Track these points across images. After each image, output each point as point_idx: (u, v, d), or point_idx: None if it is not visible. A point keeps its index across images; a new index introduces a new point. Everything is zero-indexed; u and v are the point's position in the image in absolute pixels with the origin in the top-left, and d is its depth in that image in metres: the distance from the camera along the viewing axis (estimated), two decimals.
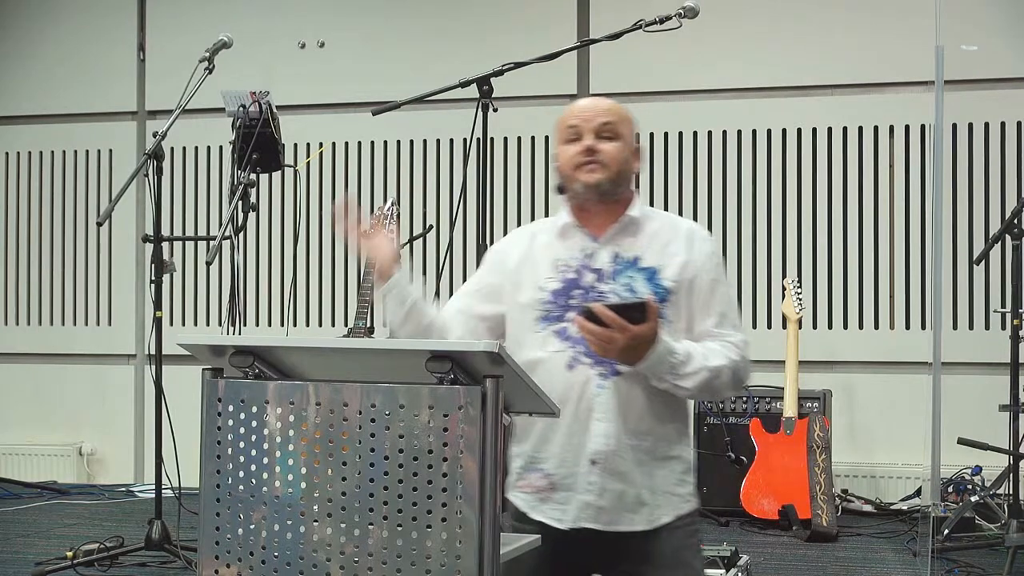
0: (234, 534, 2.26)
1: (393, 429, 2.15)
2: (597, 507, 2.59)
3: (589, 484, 2.58)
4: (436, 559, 2.11)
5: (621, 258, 2.66)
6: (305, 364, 2.33)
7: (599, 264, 2.66)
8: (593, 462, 2.58)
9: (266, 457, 2.24)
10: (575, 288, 2.65)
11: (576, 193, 2.68)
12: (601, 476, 2.58)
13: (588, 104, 2.73)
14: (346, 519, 2.17)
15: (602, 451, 2.58)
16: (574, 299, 2.63)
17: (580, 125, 2.68)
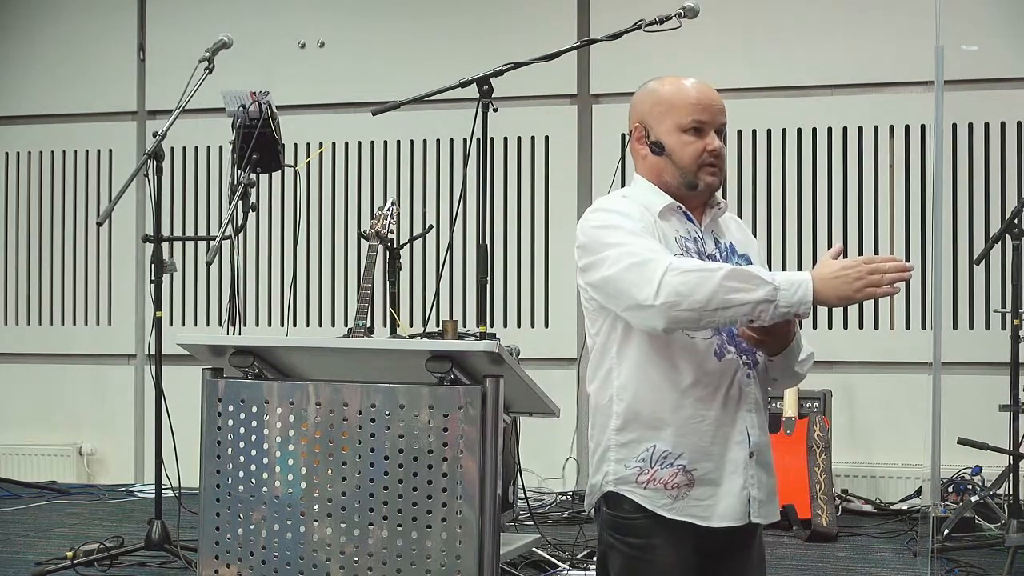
0: (234, 534, 2.26)
1: (393, 429, 2.15)
2: (760, 500, 2.49)
3: (751, 477, 2.47)
4: (436, 559, 2.11)
5: (722, 244, 2.60)
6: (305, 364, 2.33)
7: (709, 250, 2.57)
8: (752, 454, 2.48)
9: (266, 457, 2.24)
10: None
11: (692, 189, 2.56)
12: (757, 468, 2.49)
13: (711, 96, 2.62)
14: (346, 519, 2.17)
15: (758, 442, 2.49)
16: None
17: (706, 120, 2.57)
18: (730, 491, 2.45)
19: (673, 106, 2.60)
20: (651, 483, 2.41)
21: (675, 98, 2.62)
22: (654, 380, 2.41)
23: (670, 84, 2.68)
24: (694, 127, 2.55)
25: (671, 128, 2.58)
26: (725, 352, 2.45)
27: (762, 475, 2.49)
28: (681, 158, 2.56)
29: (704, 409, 2.42)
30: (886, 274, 2.39)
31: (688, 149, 2.55)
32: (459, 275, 6.79)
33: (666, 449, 2.41)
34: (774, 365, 2.54)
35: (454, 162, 6.88)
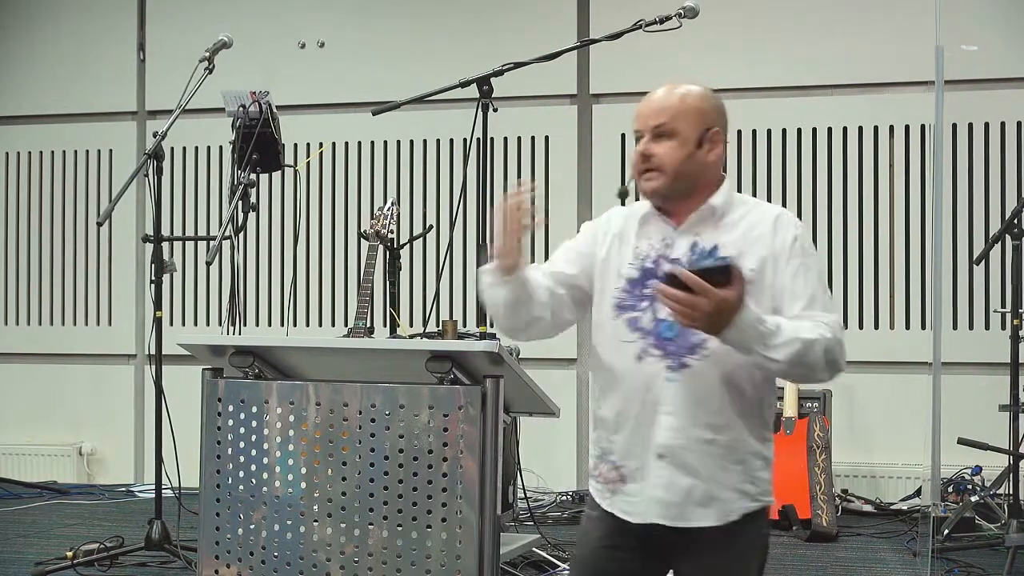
0: (234, 534, 2.26)
1: (393, 429, 2.15)
2: (667, 503, 2.52)
3: (658, 479, 2.52)
4: (436, 559, 2.11)
5: (699, 247, 2.59)
6: (305, 364, 2.33)
7: (677, 254, 2.59)
8: (660, 456, 2.51)
9: (266, 457, 2.24)
10: (652, 278, 2.58)
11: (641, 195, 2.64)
12: (669, 470, 2.52)
13: (649, 100, 2.65)
14: (346, 519, 2.17)
15: (669, 445, 2.51)
16: (649, 288, 2.56)
17: (640, 128, 2.62)
18: (644, 490, 2.52)
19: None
20: (599, 477, 2.58)
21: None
22: (599, 381, 2.54)
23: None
24: (636, 137, 2.63)
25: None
26: (647, 356, 2.51)
27: (676, 477, 2.51)
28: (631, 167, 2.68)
29: (626, 409, 2.52)
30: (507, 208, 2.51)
31: (633, 159, 2.64)
32: (459, 275, 6.79)
33: (607, 446, 2.56)
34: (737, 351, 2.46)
35: (454, 162, 6.88)
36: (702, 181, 2.61)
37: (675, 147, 2.58)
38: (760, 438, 2.60)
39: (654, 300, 2.51)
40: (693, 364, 2.50)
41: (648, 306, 2.55)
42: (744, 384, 2.55)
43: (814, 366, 2.52)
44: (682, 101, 2.62)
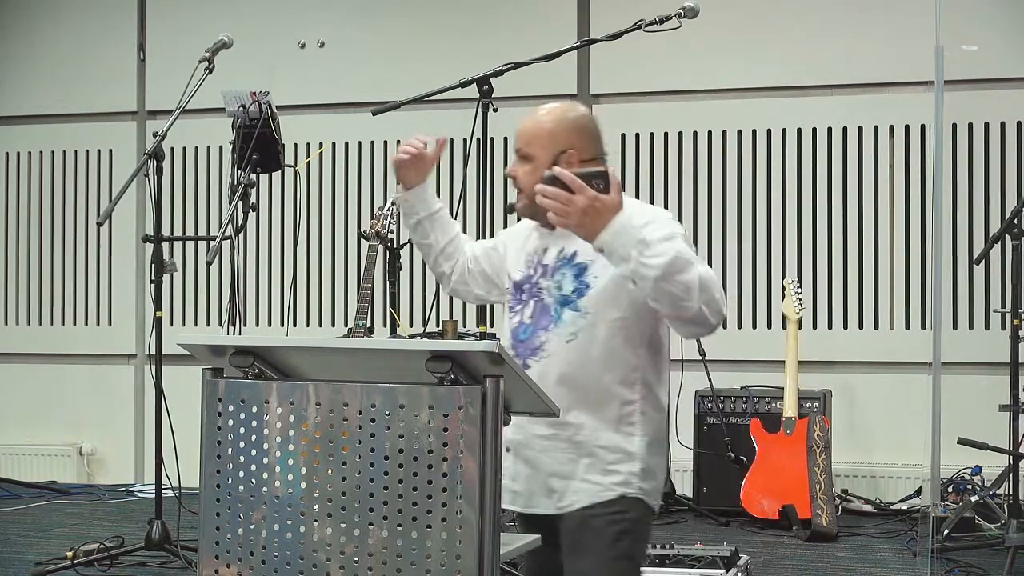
0: (234, 534, 2.26)
1: (393, 429, 2.15)
2: (514, 491, 2.72)
3: (506, 469, 2.63)
4: (436, 559, 2.11)
5: (563, 254, 2.75)
6: (305, 364, 2.33)
7: (547, 260, 2.78)
8: (507, 449, 2.65)
9: (266, 457, 2.24)
10: (527, 283, 2.79)
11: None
12: (515, 462, 2.71)
13: (522, 121, 2.89)
14: (346, 519, 2.17)
15: (512, 439, 2.67)
16: (525, 293, 2.78)
17: (516, 149, 2.87)
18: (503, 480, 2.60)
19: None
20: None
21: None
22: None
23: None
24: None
25: None
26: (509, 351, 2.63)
27: (521, 468, 2.71)
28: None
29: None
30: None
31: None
32: None
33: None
34: (610, 260, 2.48)
35: (454, 162, 6.87)
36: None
37: (531, 171, 2.77)
38: (616, 431, 2.69)
39: (524, 305, 2.75)
40: (532, 365, 2.68)
41: (519, 309, 2.77)
42: (587, 383, 2.67)
43: (688, 289, 2.47)
44: (537, 126, 2.85)
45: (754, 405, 5.99)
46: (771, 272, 6.51)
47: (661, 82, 6.64)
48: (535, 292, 2.76)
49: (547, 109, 2.89)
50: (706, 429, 6.03)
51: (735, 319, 6.54)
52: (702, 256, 6.45)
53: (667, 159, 6.65)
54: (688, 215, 6.59)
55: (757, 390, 6.08)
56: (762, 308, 6.53)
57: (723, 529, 5.64)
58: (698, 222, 6.58)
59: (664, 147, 6.66)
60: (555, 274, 2.74)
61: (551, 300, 2.72)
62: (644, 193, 6.66)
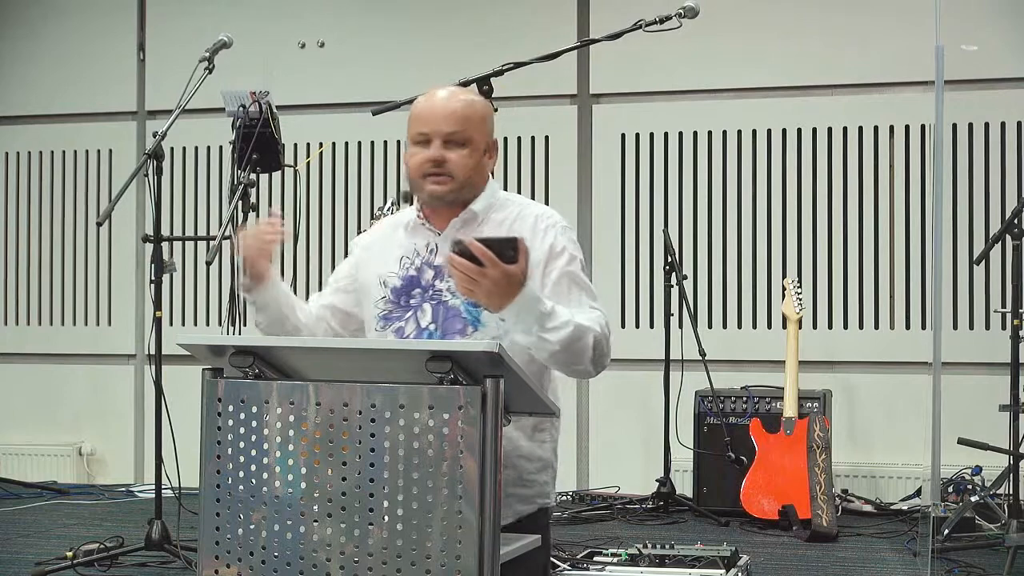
0: (234, 534, 2.26)
1: (393, 429, 2.15)
2: None
3: None
4: (436, 559, 2.11)
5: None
6: (305, 364, 2.33)
7: (440, 261, 2.64)
8: None
9: (266, 457, 2.24)
10: (416, 287, 2.66)
11: (422, 200, 2.70)
12: None
13: (438, 107, 2.66)
14: (346, 519, 2.17)
15: None
16: (413, 298, 2.64)
17: (429, 132, 2.64)
18: None
19: (410, 121, 2.70)
20: None
21: (412, 113, 2.71)
22: None
23: (419, 99, 2.74)
24: (420, 140, 2.65)
25: (408, 142, 2.70)
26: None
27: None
28: (409, 170, 2.68)
29: None
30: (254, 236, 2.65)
31: (412, 161, 2.67)
32: None
33: None
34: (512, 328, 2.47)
35: None
36: (479, 189, 2.69)
37: (467, 155, 2.64)
38: (531, 439, 2.64)
39: (417, 309, 2.60)
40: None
41: (411, 315, 2.62)
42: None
43: (581, 354, 2.49)
44: (473, 110, 2.68)
45: (754, 405, 5.99)
46: (771, 272, 6.51)
47: (661, 82, 6.64)
48: (430, 296, 2.63)
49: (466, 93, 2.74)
50: (706, 429, 6.03)
51: (735, 319, 6.54)
52: (702, 257, 6.49)
53: (667, 159, 6.65)
54: (688, 215, 6.59)
55: (757, 390, 6.08)
56: (762, 308, 6.52)
57: (723, 529, 5.64)
58: (698, 222, 6.58)
59: (664, 147, 6.66)
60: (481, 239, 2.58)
61: (458, 301, 2.60)
62: (644, 193, 6.67)
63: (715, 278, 6.55)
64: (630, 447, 6.47)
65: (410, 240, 2.71)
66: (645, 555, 4.10)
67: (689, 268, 6.48)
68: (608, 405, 6.58)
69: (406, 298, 2.65)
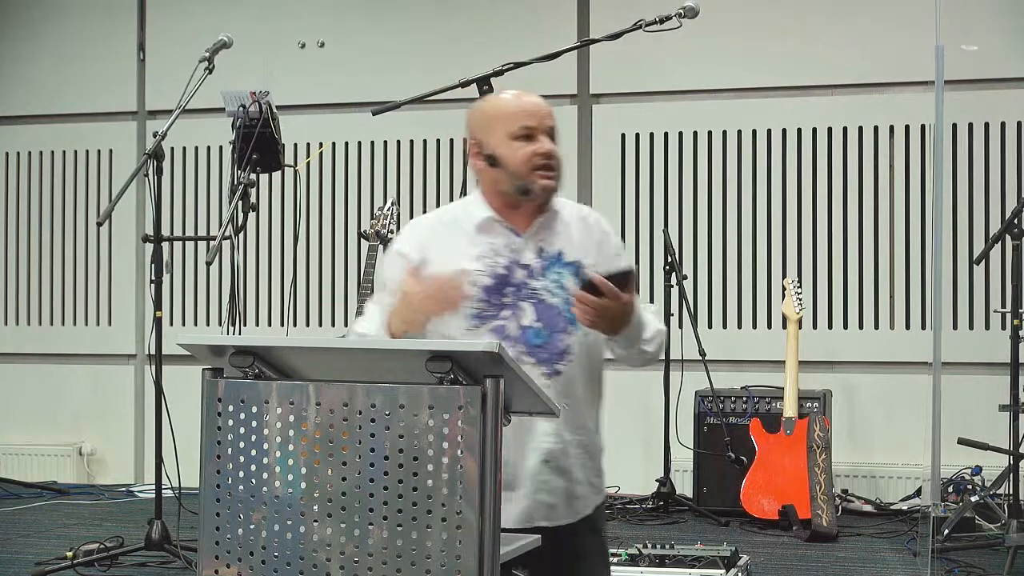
0: (234, 534, 2.26)
1: (393, 429, 2.15)
2: (549, 505, 2.63)
3: (543, 483, 2.61)
4: (436, 559, 2.11)
5: (546, 253, 2.68)
6: (305, 364, 2.33)
7: (527, 259, 2.66)
8: (545, 461, 2.62)
9: (266, 457, 2.24)
10: (507, 285, 2.64)
11: (530, 195, 2.65)
12: (551, 474, 2.63)
13: (534, 103, 2.71)
14: (346, 519, 2.17)
15: (552, 449, 2.62)
16: (507, 296, 2.63)
17: (535, 125, 2.66)
18: (520, 495, 2.60)
19: (501, 117, 2.69)
20: None
21: (502, 109, 2.71)
22: None
23: (495, 98, 2.79)
24: (524, 134, 2.65)
25: (501, 138, 2.66)
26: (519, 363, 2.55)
27: (556, 480, 2.63)
28: (513, 164, 2.64)
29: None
30: (447, 289, 2.51)
31: (519, 154, 2.64)
32: None
33: None
34: (616, 343, 2.66)
35: (454, 162, 6.87)
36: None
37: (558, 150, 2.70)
38: (599, 430, 2.77)
39: (514, 307, 2.61)
40: (563, 369, 2.63)
41: (510, 313, 2.62)
42: (595, 383, 2.73)
43: (659, 353, 2.76)
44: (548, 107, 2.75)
45: (754, 405, 5.99)
46: (771, 272, 6.51)
47: (661, 82, 6.64)
48: (527, 294, 2.64)
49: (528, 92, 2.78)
50: (706, 429, 6.03)
51: (735, 319, 6.54)
52: (702, 257, 6.49)
53: (667, 159, 6.65)
54: (688, 215, 6.59)
55: (757, 390, 6.08)
56: (762, 308, 6.53)
57: (723, 529, 5.65)
58: (698, 222, 6.58)
59: (664, 147, 6.66)
60: (547, 273, 2.65)
61: (557, 300, 2.64)
62: (644, 193, 6.67)
63: (715, 278, 6.55)
64: (630, 447, 6.47)
65: (484, 239, 2.67)
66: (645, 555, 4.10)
67: (689, 268, 6.48)
68: (608, 405, 6.54)
69: (498, 296, 2.63)
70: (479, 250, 2.66)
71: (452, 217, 2.74)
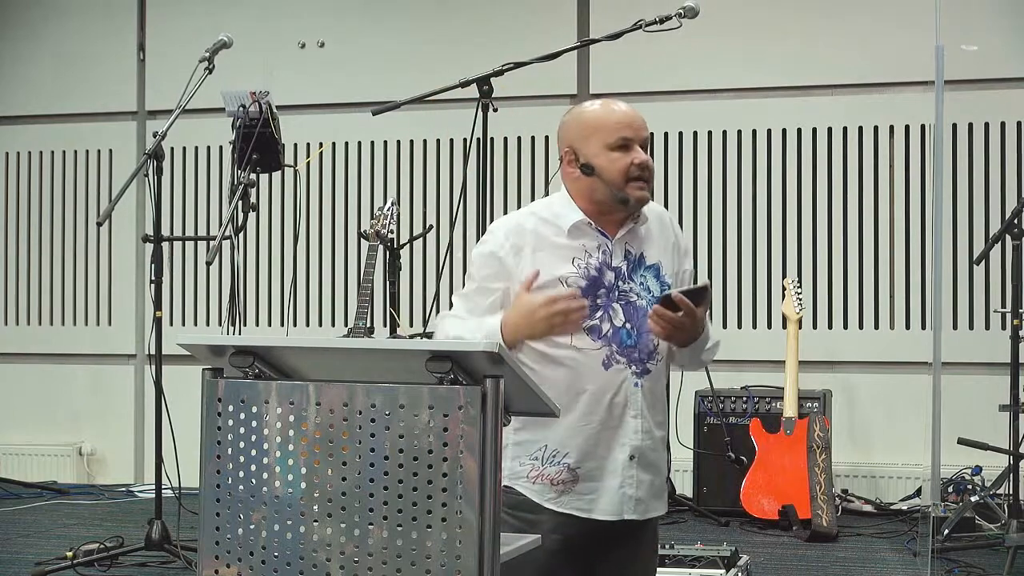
0: (234, 534, 2.26)
1: (393, 429, 2.15)
2: (636, 499, 2.70)
3: (629, 478, 2.68)
4: (436, 559, 2.11)
5: (632, 255, 2.74)
6: (305, 364, 2.33)
7: (616, 262, 2.73)
8: (632, 457, 2.68)
9: (266, 457, 2.24)
10: (599, 287, 2.70)
11: (628, 205, 2.70)
12: (639, 469, 2.70)
13: (631, 113, 2.75)
14: (346, 519, 2.17)
15: (640, 446, 2.69)
16: (600, 298, 2.69)
17: (632, 136, 2.70)
18: (609, 488, 2.68)
19: (598, 127, 2.74)
20: (539, 479, 2.67)
21: (600, 119, 2.76)
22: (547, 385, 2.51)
23: (593, 107, 2.83)
24: (620, 144, 2.70)
25: (599, 148, 2.71)
26: (613, 362, 2.67)
27: (643, 475, 2.71)
28: (610, 174, 2.69)
29: (591, 413, 2.65)
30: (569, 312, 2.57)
31: (616, 165, 2.69)
32: (459, 275, 6.79)
33: (555, 448, 2.66)
34: (681, 353, 2.75)
35: (454, 162, 6.88)
36: None
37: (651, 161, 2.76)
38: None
39: (607, 308, 2.68)
40: (652, 368, 2.71)
41: (604, 315, 2.69)
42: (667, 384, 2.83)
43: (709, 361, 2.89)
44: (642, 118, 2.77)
45: (754, 405, 6.00)
46: (771, 272, 6.51)
47: (661, 82, 6.64)
48: (619, 295, 2.70)
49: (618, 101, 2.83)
50: (706, 429, 6.03)
51: (735, 319, 6.54)
52: (702, 257, 6.49)
53: (667, 159, 6.65)
54: (688, 215, 6.59)
55: (757, 390, 6.08)
56: (762, 308, 6.53)
57: (723, 529, 5.65)
58: (698, 222, 6.58)
59: (664, 147, 6.66)
60: (634, 276, 2.72)
61: (644, 302, 2.70)
62: None
63: (715, 278, 6.55)
64: None
65: (576, 241, 2.72)
66: None
67: None
68: None
69: (592, 297, 2.68)
70: (573, 252, 2.71)
71: (542, 219, 2.76)
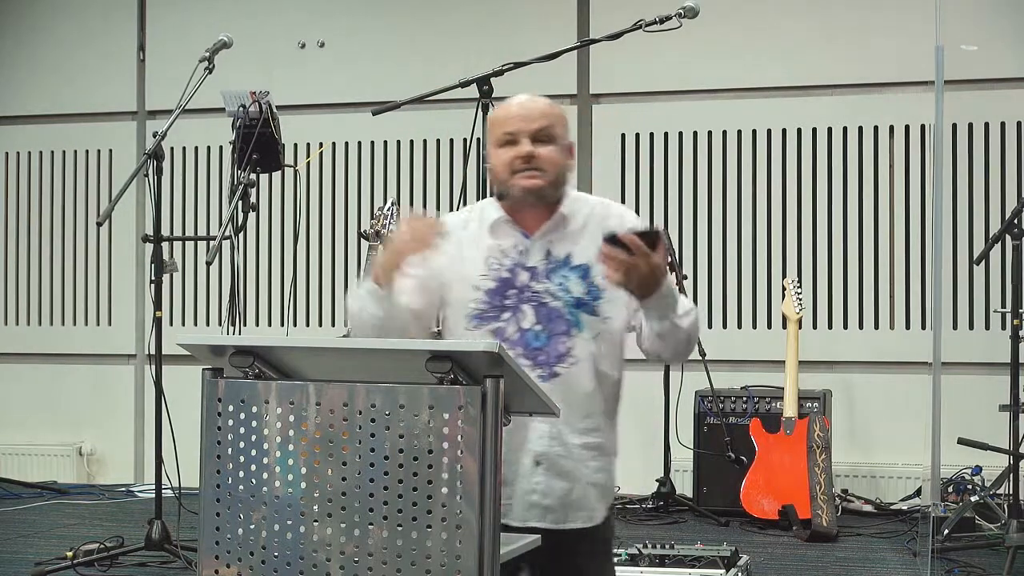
0: (234, 534, 2.26)
1: (393, 429, 2.16)
2: (543, 506, 2.63)
3: (536, 484, 2.62)
4: (436, 559, 2.11)
5: (553, 256, 2.69)
6: (305, 364, 2.33)
7: (532, 262, 2.68)
8: (538, 463, 2.62)
9: (266, 457, 2.24)
10: (510, 288, 2.67)
11: (514, 198, 2.68)
12: (547, 476, 2.63)
13: (523, 106, 2.71)
14: (346, 519, 2.17)
15: (547, 452, 2.62)
16: (509, 299, 2.66)
17: (518, 130, 2.67)
18: (517, 493, 2.62)
19: (491, 127, 2.75)
20: None
21: (492, 119, 2.77)
22: None
23: (498, 106, 2.80)
24: (506, 141, 2.68)
25: (493, 148, 2.72)
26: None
27: (554, 483, 2.62)
28: (497, 171, 2.70)
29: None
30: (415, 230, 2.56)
31: (500, 160, 2.68)
32: None
33: None
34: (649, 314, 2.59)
35: (454, 162, 6.88)
36: (563, 190, 2.73)
37: (555, 151, 2.69)
38: (615, 430, 2.74)
39: (515, 310, 2.63)
40: (562, 372, 2.61)
41: (511, 316, 2.64)
42: (607, 386, 2.68)
43: (695, 338, 2.68)
44: (553, 109, 2.73)
45: (754, 405, 6.00)
46: (771, 272, 6.51)
47: (661, 82, 6.64)
48: (529, 296, 2.65)
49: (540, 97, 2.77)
50: (706, 429, 6.03)
51: (735, 319, 6.54)
52: (702, 257, 6.50)
53: (667, 159, 6.65)
54: (688, 215, 6.59)
55: (757, 390, 6.08)
56: (762, 308, 6.53)
57: (723, 529, 5.65)
58: (698, 222, 6.58)
59: (664, 147, 6.66)
60: (552, 276, 2.66)
61: (559, 303, 2.64)
62: (644, 193, 6.67)
63: (715, 278, 6.55)
64: (630, 447, 6.43)
65: (494, 240, 2.70)
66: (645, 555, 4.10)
67: (689, 268, 6.49)
68: None
69: (500, 298, 2.66)
70: (486, 252, 2.69)
71: (469, 217, 2.78)
